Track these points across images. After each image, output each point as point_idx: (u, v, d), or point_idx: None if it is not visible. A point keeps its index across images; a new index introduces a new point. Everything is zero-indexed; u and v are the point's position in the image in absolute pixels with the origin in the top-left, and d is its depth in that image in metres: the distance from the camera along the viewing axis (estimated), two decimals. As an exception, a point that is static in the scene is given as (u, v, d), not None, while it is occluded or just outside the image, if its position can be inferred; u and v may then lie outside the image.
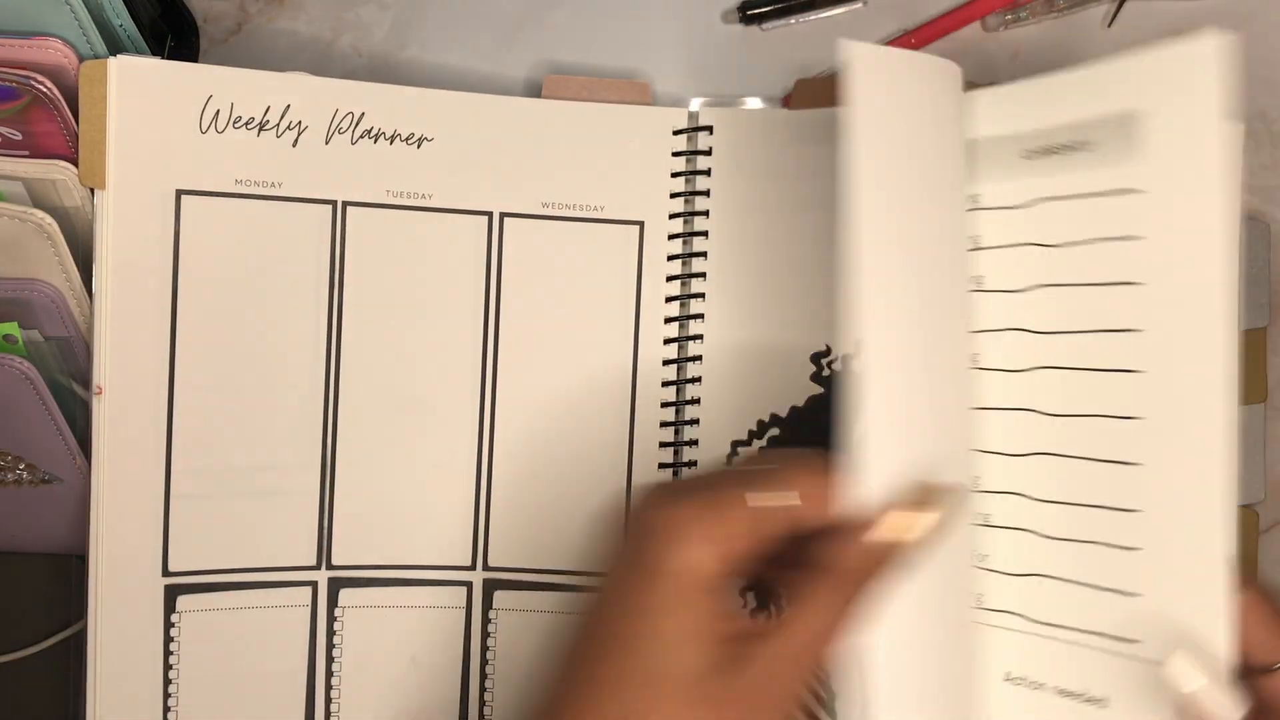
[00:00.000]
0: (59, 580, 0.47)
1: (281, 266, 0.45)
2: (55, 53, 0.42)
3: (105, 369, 0.43)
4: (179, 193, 0.44)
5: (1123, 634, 0.39)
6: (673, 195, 0.46)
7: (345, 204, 0.45)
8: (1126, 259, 0.39)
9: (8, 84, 0.41)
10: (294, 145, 0.44)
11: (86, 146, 0.43)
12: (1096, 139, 0.39)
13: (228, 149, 0.44)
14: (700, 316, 0.46)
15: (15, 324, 0.43)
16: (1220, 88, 0.37)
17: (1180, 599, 0.38)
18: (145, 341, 0.44)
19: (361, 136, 0.45)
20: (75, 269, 0.43)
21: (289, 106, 0.44)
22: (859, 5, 0.48)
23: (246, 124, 0.44)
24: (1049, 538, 0.41)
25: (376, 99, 0.45)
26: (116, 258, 0.43)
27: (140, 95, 0.43)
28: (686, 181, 0.46)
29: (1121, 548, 0.39)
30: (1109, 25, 0.48)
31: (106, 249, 0.43)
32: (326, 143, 0.44)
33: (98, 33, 0.43)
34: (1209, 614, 0.37)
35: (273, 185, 0.44)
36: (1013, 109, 0.41)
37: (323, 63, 0.49)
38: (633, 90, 0.47)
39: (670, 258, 0.46)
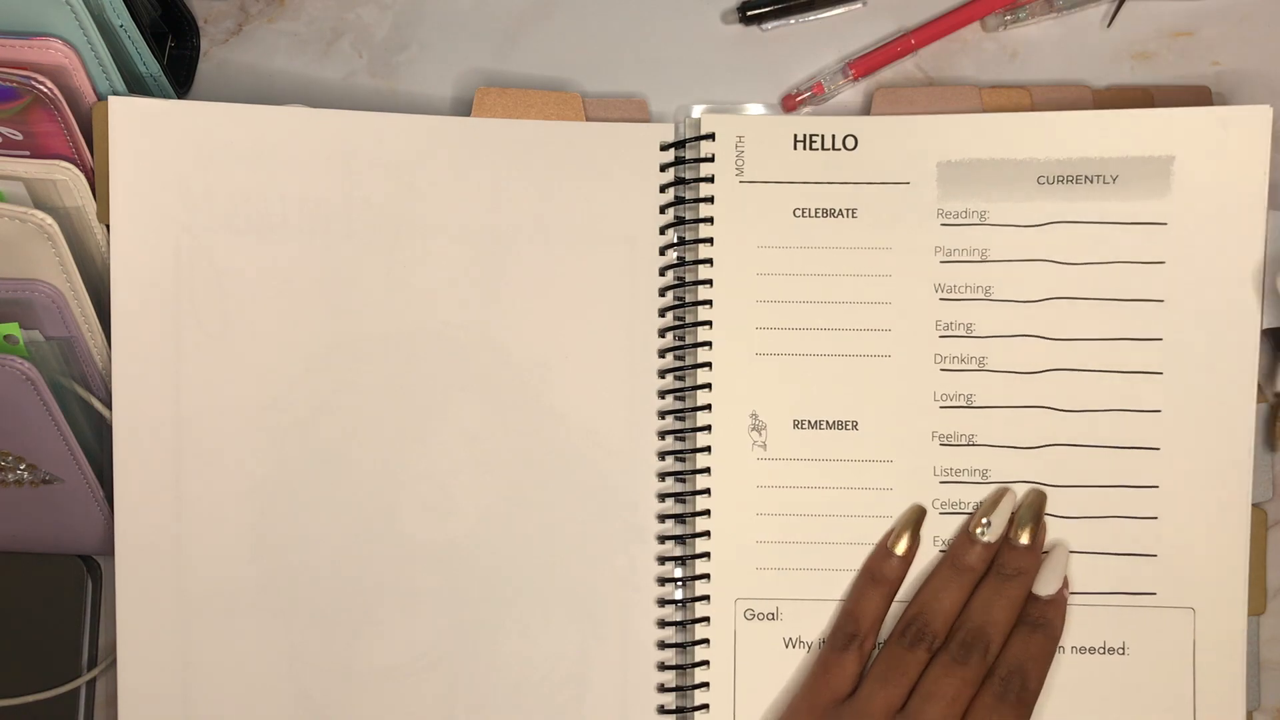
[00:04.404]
0: (60, 580, 0.47)
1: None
2: (55, 53, 0.42)
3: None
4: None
5: (1140, 589, 0.44)
6: (663, 208, 0.46)
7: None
8: (1147, 279, 0.44)
9: (8, 84, 0.41)
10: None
11: (102, 182, 0.44)
12: (1127, 175, 0.44)
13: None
14: (708, 324, 0.45)
15: (16, 324, 0.43)
16: (1264, 150, 0.43)
17: (1197, 553, 0.44)
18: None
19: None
20: (75, 269, 0.43)
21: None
22: (859, 5, 0.48)
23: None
24: (1065, 517, 0.44)
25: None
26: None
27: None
28: (684, 189, 0.46)
29: (1139, 518, 0.44)
30: (1109, 25, 0.48)
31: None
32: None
33: (98, 33, 0.43)
34: (1227, 562, 0.43)
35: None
36: (1032, 136, 0.44)
37: (323, 63, 0.49)
38: (630, 108, 0.47)
39: (663, 270, 0.46)
